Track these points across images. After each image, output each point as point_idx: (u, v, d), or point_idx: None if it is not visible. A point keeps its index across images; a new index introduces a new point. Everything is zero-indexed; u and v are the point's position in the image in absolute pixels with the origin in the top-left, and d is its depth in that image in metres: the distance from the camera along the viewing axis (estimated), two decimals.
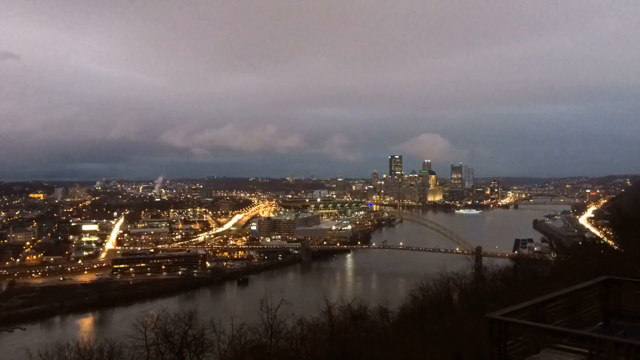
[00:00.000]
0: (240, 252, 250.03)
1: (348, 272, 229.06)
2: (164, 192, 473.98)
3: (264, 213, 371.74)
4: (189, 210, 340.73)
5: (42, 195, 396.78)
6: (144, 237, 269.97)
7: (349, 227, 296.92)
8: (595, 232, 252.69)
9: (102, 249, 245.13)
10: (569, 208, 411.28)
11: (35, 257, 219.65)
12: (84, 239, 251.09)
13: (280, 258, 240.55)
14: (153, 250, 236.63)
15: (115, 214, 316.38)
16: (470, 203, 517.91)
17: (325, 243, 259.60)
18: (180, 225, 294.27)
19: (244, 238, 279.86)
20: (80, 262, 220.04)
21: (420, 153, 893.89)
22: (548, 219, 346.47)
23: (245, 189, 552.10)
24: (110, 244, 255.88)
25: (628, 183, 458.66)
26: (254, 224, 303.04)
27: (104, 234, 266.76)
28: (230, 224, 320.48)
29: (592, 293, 15.19)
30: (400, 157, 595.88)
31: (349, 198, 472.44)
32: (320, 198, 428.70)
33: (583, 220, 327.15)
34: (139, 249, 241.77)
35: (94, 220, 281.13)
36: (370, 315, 47.96)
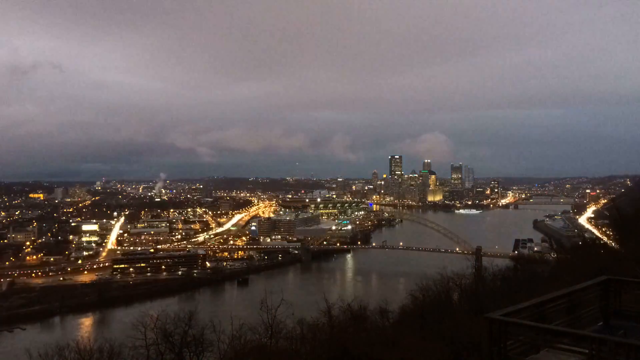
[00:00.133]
0: (240, 252, 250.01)
1: (348, 272, 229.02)
2: (164, 192, 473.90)
3: (264, 213, 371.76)
4: (189, 210, 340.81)
5: (42, 195, 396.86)
6: (144, 237, 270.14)
7: (349, 227, 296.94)
8: (595, 232, 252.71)
9: (102, 249, 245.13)
10: (569, 208, 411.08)
11: (35, 257, 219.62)
12: (84, 239, 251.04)
13: (280, 258, 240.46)
14: (153, 250, 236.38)
15: (115, 214, 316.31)
16: (470, 203, 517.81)
17: (325, 243, 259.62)
18: (180, 225, 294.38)
19: (244, 238, 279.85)
20: (80, 262, 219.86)
21: (420, 153, 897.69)
22: (548, 219, 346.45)
23: (245, 189, 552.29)
24: (110, 244, 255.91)
25: (628, 183, 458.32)
26: (254, 224, 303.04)
27: (104, 234, 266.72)
28: (230, 224, 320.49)
29: (592, 293, 15.19)
30: (400, 157, 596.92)
31: (349, 198, 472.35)
32: (320, 198, 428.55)
33: (583, 220, 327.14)
34: (139, 249, 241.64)
35: (94, 220, 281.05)
36: (370, 315, 47.89)
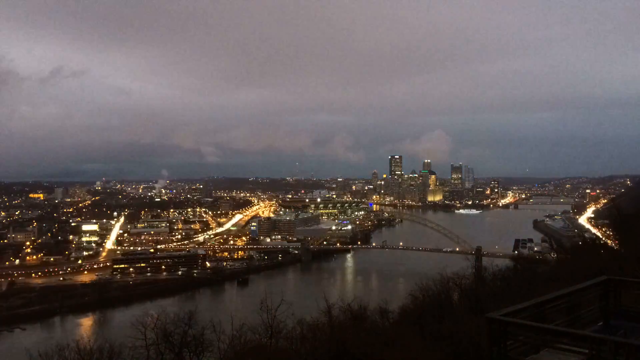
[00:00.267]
0: (240, 252, 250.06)
1: (348, 272, 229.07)
2: (164, 192, 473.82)
3: (264, 213, 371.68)
4: (189, 210, 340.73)
5: (42, 195, 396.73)
6: (144, 237, 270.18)
7: (349, 227, 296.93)
8: (595, 232, 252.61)
9: (102, 249, 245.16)
10: (569, 208, 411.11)
11: (35, 257, 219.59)
12: (84, 239, 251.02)
13: (280, 258, 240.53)
14: (153, 250, 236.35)
15: (115, 214, 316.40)
16: (470, 203, 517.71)
17: (325, 243, 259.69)
18: (180, 225, 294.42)
19: (244, 238, 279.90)
20: (80, 262, 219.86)
21: (420, 153, 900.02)
22: (548, 219, 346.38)
23: (245, 189, 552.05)
24: (110, 244, 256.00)
25: (628, 183, 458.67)
26: (254, 224, 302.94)
27: (104, 234, 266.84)
28: (230, 224, 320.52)
29: (592, 293, 15.18)
30: (400, 157, 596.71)
31: (349, 198, 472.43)
32: (320, 198, 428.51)
33: (583, 220, 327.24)
34: (139, 249, 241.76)
35: (94, 220, 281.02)
36: (370, 315, 47.80)
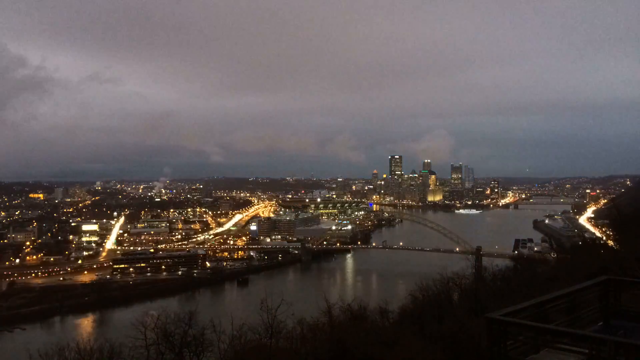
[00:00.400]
0: (240, 252, 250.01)
1: (348, 272, 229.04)
2: (164, 192, 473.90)
3: (264, 213, 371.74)
4: (189, 210, 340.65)
5: (42, 195, 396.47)
6: (144, 237, 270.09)
7: (349, 227, 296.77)
8: (595, 232, 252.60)
9: (102, 249, 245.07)
10: (569, 208, 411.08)
11: (35, 257, 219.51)
12: (84, 239, 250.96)
13: (280, 258, 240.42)
14: (153, 250, 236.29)
15: (115, 214, 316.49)
16: (470, 203, 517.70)
17: (325, 243, 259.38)
18: (180, 225, 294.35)
19: (244, 238, 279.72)
20: (80, 262, 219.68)
21: (420, 153, 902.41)
22: (548, 219, 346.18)
23: (245, 189, 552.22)
24: (110, 244, 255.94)
25: (628, 183, 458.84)
26: (254, 224, 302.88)
27: (104, 234, 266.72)
28: (230, 224, 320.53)
29: (592, 293, 15.19)
30: (400, 157, 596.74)
31: (349, 198, 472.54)
32: (320, 198, 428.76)
33: (583, 220, 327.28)
34: (139, 249, 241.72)
35: (94, 220, 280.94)
36: (370, 315, 47.68)
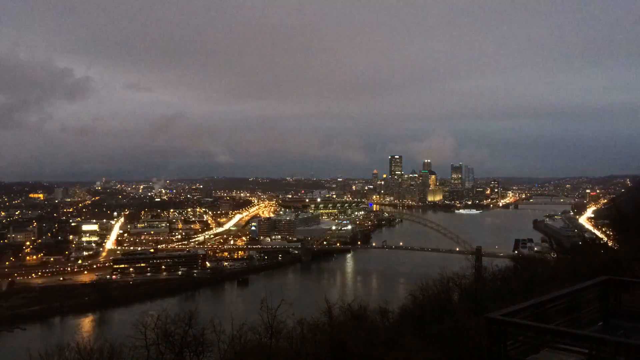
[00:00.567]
0: (240, 252, 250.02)
1: (348, 272, 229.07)
2: (164, 192, 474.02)
3: (264, 213, 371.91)
4: (189, 210, 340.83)
5: (42, 195, 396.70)
6: (144, 237, 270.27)
7: (349, 227, 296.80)
8: (595, 232, 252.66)
9: (102, 249, 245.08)
10: (569, 208, 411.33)
11: (35, 257, 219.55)
12: (84, 239, 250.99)
13: (280, 258, 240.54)
14: (153, 250, 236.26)
15: (115, 214, 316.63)
16: (470, 203, 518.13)
17: (325, 243, 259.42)
18: (180, 225, 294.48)
19: (244, 238, 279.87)
20: (80, 262, 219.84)
21: (420, 153, 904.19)
22: (548, 219, 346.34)
23: (245, 189, 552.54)
24: (110, 244, 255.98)
25: (628, 183, 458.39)
26: (254, 224, 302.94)
27: (104, 234, 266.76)
28: (230, 224, 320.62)
29: (592, 293, 15.18)
30: (400, 157, 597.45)
31: (349, 198, 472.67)
32: (320, 198, 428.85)
33: (583, 220, 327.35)
34: (139, 249, 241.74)
35: (94, 220, 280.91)
36: (370, 315, 47.65)
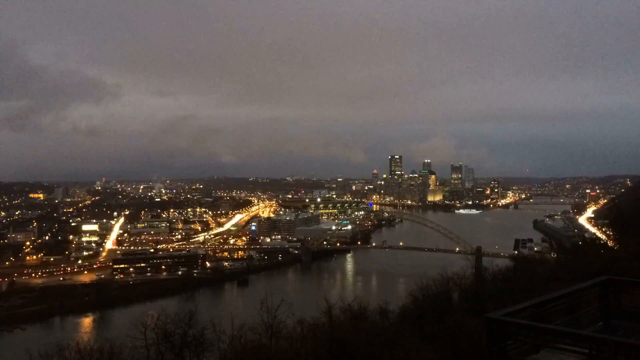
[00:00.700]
0: (240, 252, 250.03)
1: (348, 272, 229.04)
2: (164, 192, 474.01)
3: (264, 213, 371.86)
4: (189, 210, 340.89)
5: (42, 195, 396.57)
6: (144, 237, 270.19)
7: (349, 227, 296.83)
8: (595, 232, 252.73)
9: (102, 249, 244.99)
10: (569, 208, 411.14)
11: (35, 257, 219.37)
12: (84, 239, 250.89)
13: (280, 258, 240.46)
14: (153, 250, 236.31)
15: (115, 214, 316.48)
16: (470, 203, 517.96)
17: (325, 243, 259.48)
18: (180, 225, 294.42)
19: (244, 238, 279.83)
20: (80, 262, 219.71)
21: (421, 153, 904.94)
22: (548, 219, 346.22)
23: (245, 189, 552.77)
24: (110, 244, 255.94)
25: (628, 183, 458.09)
26: (254, 224, 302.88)
27: (104, 234, 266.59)
28: (230, 224, 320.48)
29: (592, 293, 15.20)
30: (400, 157, 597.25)
31: (349, 198, 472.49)
32: (320, 198, 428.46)
33: (583, 220, 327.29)
34: (139, 249, 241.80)
35: (94, 220, 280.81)
36: (370, 315, 47.67)
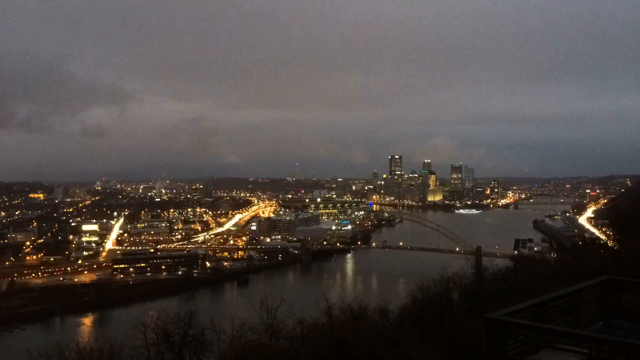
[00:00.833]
0: (240, 252, 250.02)
1: (348, 272, 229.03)
2: (164, 192, 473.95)
3: (264, 213, 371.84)
4: (189, 210, 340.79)
5: (42, 195, 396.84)
6: (144, 237, 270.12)
7: (349, 227, 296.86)
8: (595, 232, 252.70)
9: (102, 249, 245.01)
10: (569, 208, 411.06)
11: (35, 257, 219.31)
12: (84, 239, 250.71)
13: (280, 258, 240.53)
14: (153, 250, 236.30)
15: (115, 214, 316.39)
16: (470, 203, 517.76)
17: (325, 243, 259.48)
18: (180, 225, 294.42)
19: (244, 238, 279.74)
20: (80, 262, 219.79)
21: (421, 153, 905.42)
22: (548, 219, 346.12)
23: (245, 189, 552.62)
24: (110, 244, 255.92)
25: (628, 183, 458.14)
26: (254, 224, 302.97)
27: (104, 234, 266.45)
28: (230, 224, 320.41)
29: (592, 293, 15.20)
30: (400, 157, 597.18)
31: (349, 198, 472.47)
32: (320, 198, 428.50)
33: (583, 220, 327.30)
34: (139, 249, 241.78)
35: (94, 220, 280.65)
36: (370, 315, 47.66)
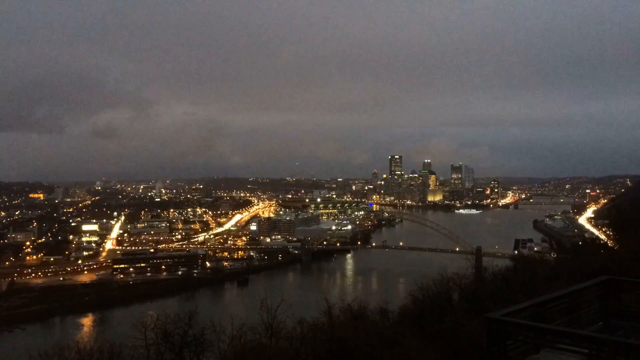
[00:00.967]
0: (240, 252, 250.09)
1: (348, 272, 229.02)
2: (164, 192, 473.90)
3: (264, 213, 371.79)
4: (189, 210, 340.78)
5: (42, 195, 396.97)
6: (144, 237, 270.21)
7: (349, 227, 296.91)
8: (595, 232, 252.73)
9: (102, 249, 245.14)
10: (569, 208, 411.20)
11: (35, 257, 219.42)
12: (84, 239, 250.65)
13: (280, 258, 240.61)
14: (153, 250, 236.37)
15: (115, 214, 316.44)
16: (470, 203, 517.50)
17: (325, 243, 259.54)
18: (180, 225, 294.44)
19: (244, 238, 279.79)
20: (80, 262, 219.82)
21: (421, 153, 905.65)
22: (548, 219, 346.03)
23: (245, 189, 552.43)
24: (110, 244, 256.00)
25: (628, 183, 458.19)
26: (254, 224, 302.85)
27: (104, 234, 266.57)
28: (230, 224, 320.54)
29: (592, 293, 15.21)
30: (400, 157, 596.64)
31: (349, 198, 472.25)
32: (320, 198, 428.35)
33: (583, 220, 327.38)
34: (139, 249, 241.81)
35: (94, 220, 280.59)
36: (370, 315, 47.62)
